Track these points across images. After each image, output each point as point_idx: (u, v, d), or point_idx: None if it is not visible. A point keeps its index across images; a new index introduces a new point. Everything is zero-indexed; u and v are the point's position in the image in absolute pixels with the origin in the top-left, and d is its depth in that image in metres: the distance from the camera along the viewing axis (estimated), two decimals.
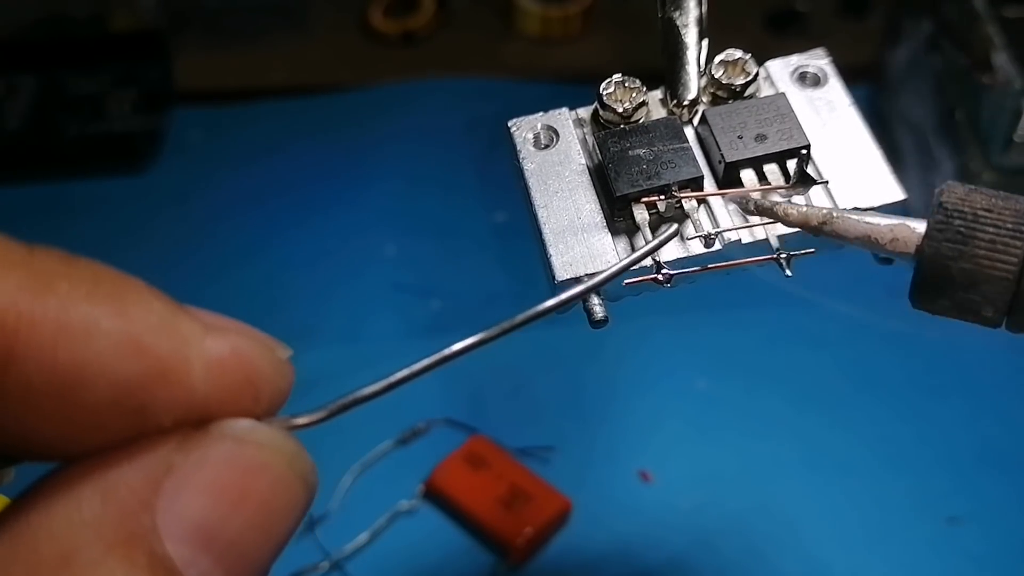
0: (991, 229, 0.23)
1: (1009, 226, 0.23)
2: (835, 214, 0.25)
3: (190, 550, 0.17)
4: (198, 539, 0.17)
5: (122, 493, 0.17)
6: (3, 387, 0.16)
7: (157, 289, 0.19)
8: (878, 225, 0.24)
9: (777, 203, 0.26)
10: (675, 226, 0.27)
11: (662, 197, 0.28)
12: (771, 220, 0.26)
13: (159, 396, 0.18)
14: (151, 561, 0.17)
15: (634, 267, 0.28)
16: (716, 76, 0.31)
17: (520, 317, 0.22)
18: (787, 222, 0.26)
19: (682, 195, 0.28)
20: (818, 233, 0.25)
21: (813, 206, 0.26)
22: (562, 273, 0.28)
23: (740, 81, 0.30)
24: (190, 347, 0.18)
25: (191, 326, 0.18)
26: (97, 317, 0.17)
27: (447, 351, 0.22)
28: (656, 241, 0.26)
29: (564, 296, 0.24)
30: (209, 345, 0.18)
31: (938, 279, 0.24)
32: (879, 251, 0.25)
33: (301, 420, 0.20)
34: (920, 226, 0.24)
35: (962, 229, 0.23)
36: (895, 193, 0.29)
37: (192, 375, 0.18)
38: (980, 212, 0.23)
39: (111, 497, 0.17)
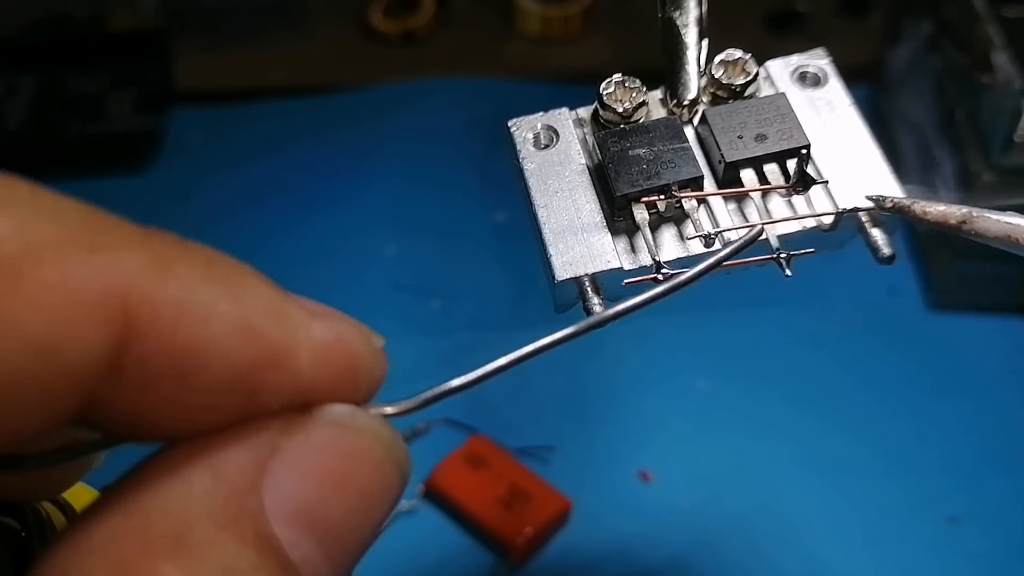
0: None
1: None
2: (975, 213, 0.25)
3: (294, 532, 0.18)
4: (301, 521, 0.18)
5: (231, 473, 0.18)
6: (122, 367, 0.17)
7: (264, 275, 0.19)
8: (1019, 225, 0.24)
9: (916, 201, 0.26)
10: (759, 227, 0.27)
11: (662, 197, 0.28)
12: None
13: (269, 380, 0.18)
14: (259, 541, 0.17)
15: (635, 267, 0.28)
16: (716, 76, 0.31)
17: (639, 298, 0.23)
18: (926, 221, 0.26)
19: (682, 195, 0.28)
20: (956, 233, 0.25)
21: (952, 205, 0.26)
22: (562, 273, 0.28)
23: (740, 81, 0.30)
24: (299, 332, 0.18)
25: (299, 312, 0.19)
26: (214, 300, 0.17)
27: (544, 341, 0.23)
28: (740, 242, 0.26)
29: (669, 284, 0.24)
30: (316, 331, 0.19)
31: None
32: (1019, 251, 0.25)
33: (393, 409, 0.21)
34: None
35: None
36: (895, 193, 0.29)
37: (300, 360, 0.18)
38: None
39: (221, 477, 0.17)
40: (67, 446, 0.19)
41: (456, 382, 0.22)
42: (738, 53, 0.31)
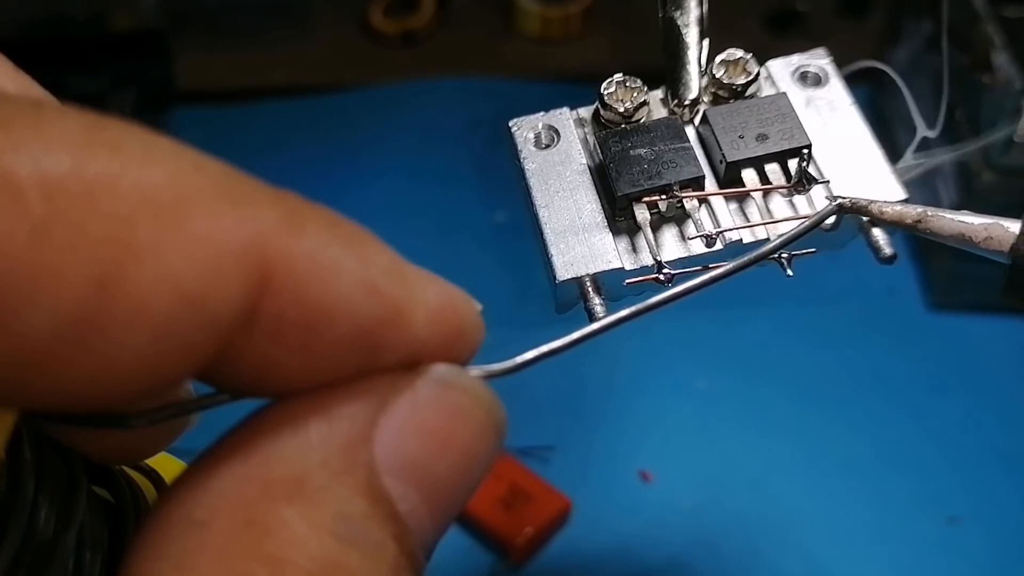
0: None
1: None
2: (929, 213, 0.26)
3: (402, 485, 0.18)
4: (409, 475, 0.18)
5: (345, 426, 0.18)
6: (257, 319, 0.17)
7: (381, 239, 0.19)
8: (972, 224, 0.25)
9: (873, 201, 0.27)
10: (838, 201, 0.27)
11: (663, 197, 0.28)
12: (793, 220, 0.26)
13: (388, 337, 0.18)
14: (371, 491, 0.18)
15: (636, 267, 0.28)
16: (717, 76, 0.31)
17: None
18: (881, 220, 0.26)
19: (683, 195, 0.28)
20: (913, 231, 0.26)
21: (908, 205, 0.27)
22: (563, 273, 0.28)
23: (741, 81, 0.30)
24: (416, 294, 0.19)
25: (416, 274, 0.19)
26: (341, 258, 0.18)
27: (641, 305, 0.23)
28: (816, 217, 0.27)
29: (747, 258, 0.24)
30: (430, 293, 0.19)
31: None
32: (973, 249, 0.25)
33: (496, 368, 0.21)
34: (1014, 226, 0.25)
35: None
36: (896, 193, 0.29)
37: (416, 319, 0.19)
38: None
39: (336, 428, 0.18)
40: (170, 404, 0.19)
41: (553, 344, 0.22)
42: (739, 53, 0.31)
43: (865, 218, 0.27)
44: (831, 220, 0.28)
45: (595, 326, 0.22)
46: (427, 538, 0.19)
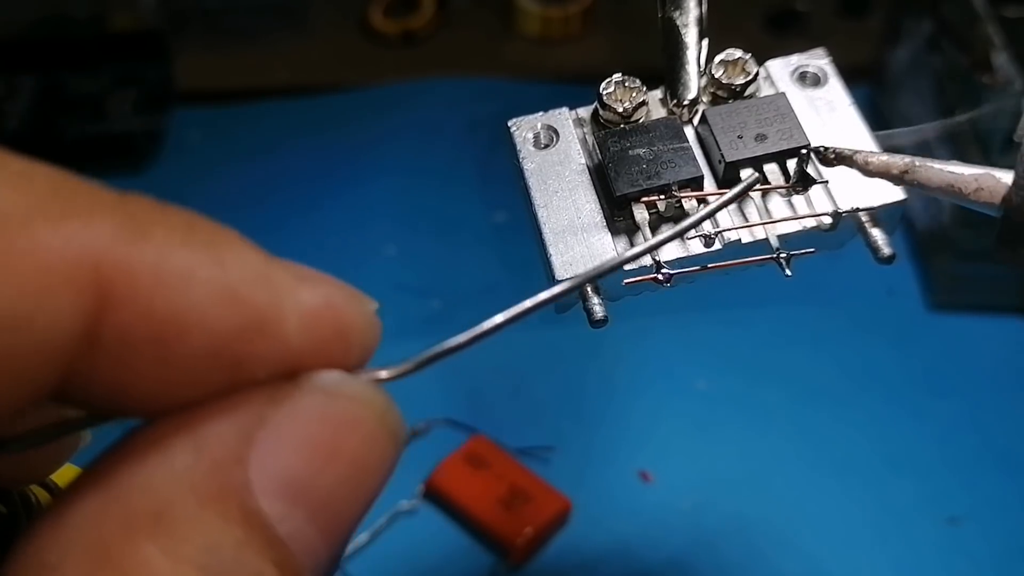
0: None
1: None
2: (917, 163, 0.25)
3: (283, 505, 0.17)
4: (290, 494, 0.17)
5: (215, 447, 0.17)
6: (100, 337, 0.16)
7: (249, 239, 0.18)
8: (962, 175, 0.24)
9: (858, 151, 0.25)
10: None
11: (662, 197, 0.28)
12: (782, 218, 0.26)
13: (255, 348, 0.17)
14: (244, 516, 0.17)
15: (634, 267, 0.28)
16: (716, 76, 0.31)
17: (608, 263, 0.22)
18: (867, 171, 0.25)
19: (682, 195, 0.28)
20: (899, 182, 0.25)
21: (895, 155, 0.25)
22: (562, 272, 0.28)
23: (740, 81, 0.30)
24: (285, 298, 0.18)
25: (285, 277, 0.18)
26: (194, 265, 0.17)
27: (530, 301, 0.21)
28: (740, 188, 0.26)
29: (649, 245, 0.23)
30: (303, 296, 0.18)
31: None
32: (962, 202, 0.24)
33: (387, 373, 0.20)
34: (1007, 176, 0.24)
35: None
36: (896, 193, 0.29)
37: (287, 326, 0.18)
38: None
39: (204, 451, 0.17)
40: (50, 426, 0.18)
41: (453, 341, 0.20)
42: (738, 53, 0.31)
43: (863, 216, 0.27)
44: (828, 220, 0.28)
45: (493, 322, 0.21)
46: (319, 558, 0.18)
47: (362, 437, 0.18)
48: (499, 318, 0.21)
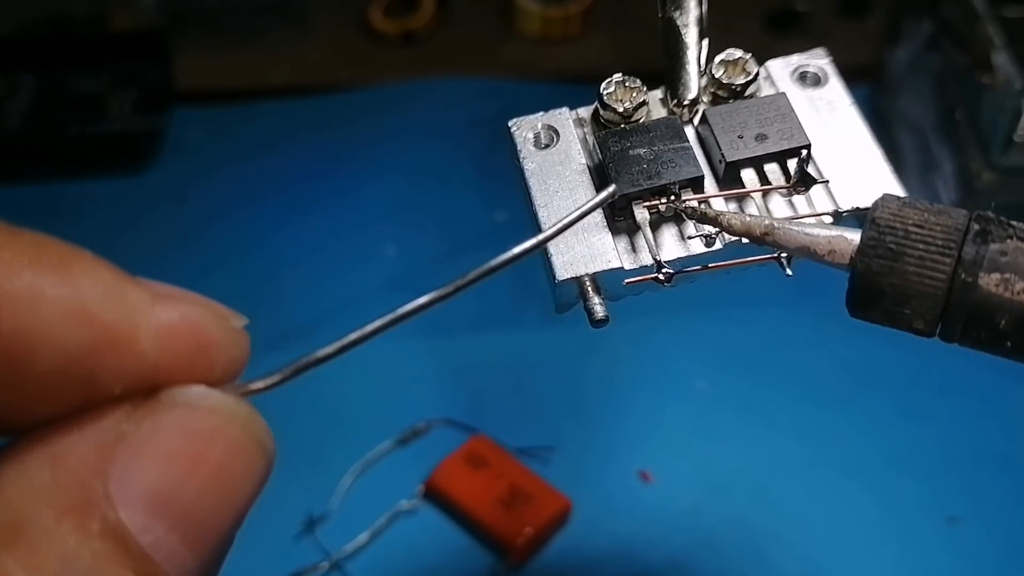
0: (921, 246, 0.23)
1: (939, 243, 0.23)
2: (776, 225, 0.25)
3: (144, 517, 0.17)
4: (152, 506, 0.17)
5: (72, 461, 0.17)
6: None
7: (104, 259, 0.18)
8: (817, 237, 0.25)
9: (721, 212, 0.26)
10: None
11: (663, 200, 0.28)
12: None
13: (108, 364, 0.18)
14: (104, 528, 0.17)
15: (635, 267, 0.28)
16: (716, 76, 0.31)
17: (475, 272, 0.22)
18: (730, 231, 0.26)
19: (684, 198, 0.28)
20: (761, 243, 0.25)
21: (755, 216, 0.26)
22: (562, 272, 0.28)
23: (740, 81, 0.30)
24: (138, 314, 0.18)
25: (139, 294, 0.18)
26: (42, 285, 0.17)
27: (401, 310, 0.22)
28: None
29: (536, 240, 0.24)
30: (158, 312, 0.18)
31: (870, 293, 0.24)
32: (818, 262, 0.25)
33: (258, 384, 0.20)
34: (856, 237, 0.24)
35: (892, 246, 0.24)
36: (896, 192, 0.29)
37: (141, 342, 0.18)
38: (911, 228, 0.24)
39: (61, 465, 0.17)
40: None
41: (323, 351, 0.21)
42: (738, 53, 0.31)
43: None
44: (829, 220, 0.28)
45: (359, 333, 0.21)
46: (186, 568, 0.18)
47: (225, 446, 0.19)
48: (371, 326, 0.22)
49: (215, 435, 0.19)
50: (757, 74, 0.31)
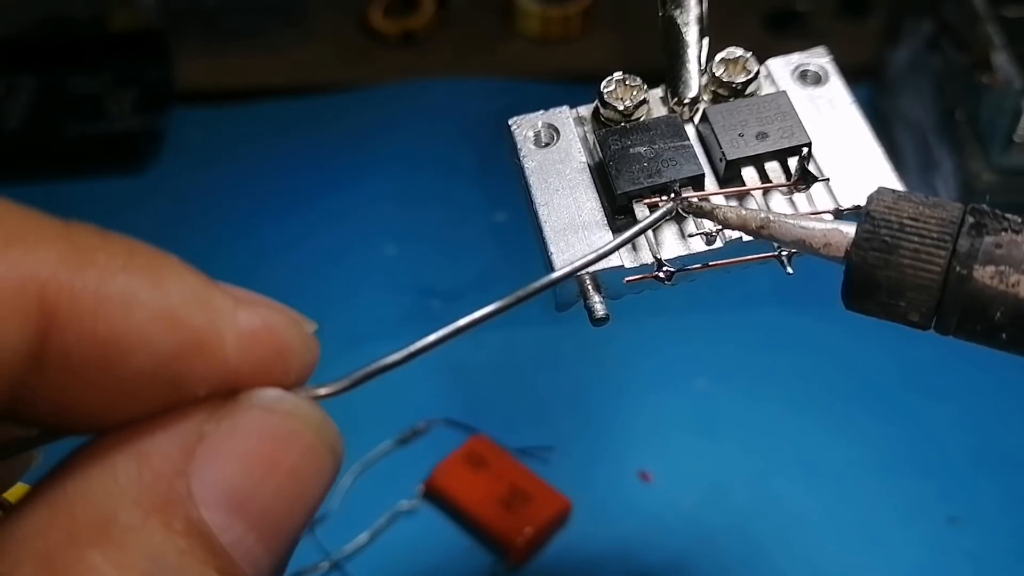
0: (916, 239, 0.23)
1: (934, 235, 0.23)
2: (772, 218, 0.25)
3: (224, 516, 0.18)
4: (231, 505, 0.18)
5: (157, 460, 0.18)
6: (44, 358, 0.17)
7: (189, 264, 0.19)
8: (813, 230, 0.25)
9: (718, 206, 0.26)
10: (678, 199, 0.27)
11: (664, 198, 0.28)
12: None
13: (194, 367, 0.18)
14: (187, 526, 0.17)
15: (636, 265, 0.28)
16: (717, 74, 0.31)
17: (537, 284, 0.23)
18: (727, 225, 0.26)
19: (685, 196, 0.28)
20: (757, 236, 0.25)
21: (751, 209, 0.26)
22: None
23: (741, 79, 0.30)
24: (223, 319, 0.19)
25: (224, 299, 0.19)
26: (134, 289, 0.18)
27: (466, 319, 0.22)
28: (653, 218, 0.27)
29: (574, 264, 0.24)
30: (241, 318, 0.19)
31: (865, 285, 0.24)
32: (813, 255, 0.25)
33: (326, 390, 0.21)
34: (851, 230, 0.24)
35: (887, 239, 0.24)
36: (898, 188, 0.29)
37: (225, 347, 0.18)
38: (906, 221, 0.24)
39: (146, 464, 0.18)
40: (1, 446, 0.19)
41: (391, 358, 0.21)
42: (739, 51, 0.31)
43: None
44: (829, 218, 0.28)
45: (424, 342, 0.22)
46: (260, 566, 0.18)
47: (300, 450, 0.19)
48: (434, 336, 0.22)
49: (292, 438, 0.19)
50: (758, 72, 0.31)
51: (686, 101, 0.30)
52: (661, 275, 0.28)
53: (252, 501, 0.18)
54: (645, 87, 0.30)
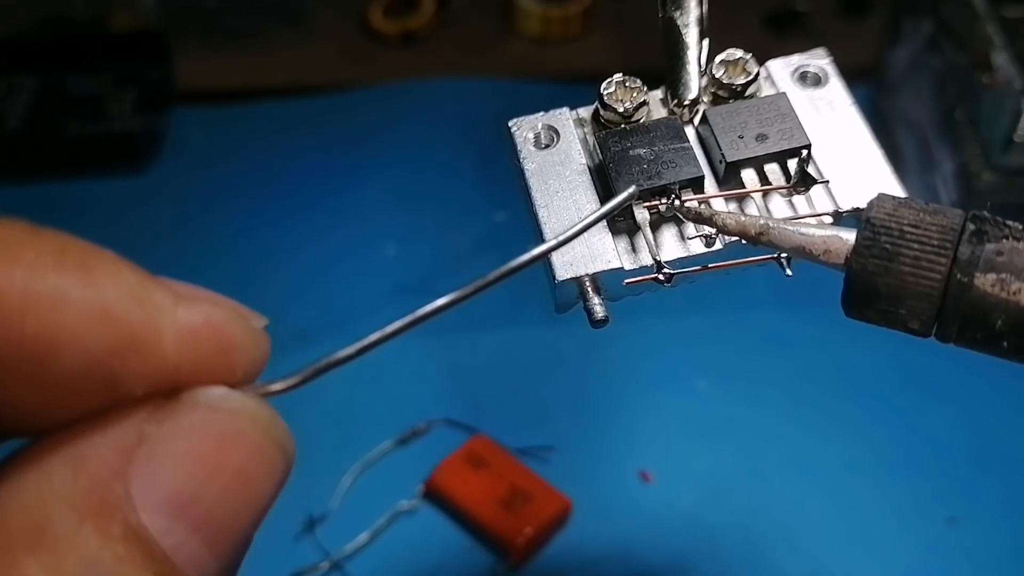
0: (916, 246, 0.23)
1: (934, 243, 0.23)
2: (771, 224, 0.25)
3: (165, 519, 0.17)
4: (173, 508, 0.17)
5: (93, 464, 0.17)
6: None
7: (127, 260, 0.18)
8: (812, 236, 0.24)
9: (717, 212, 0.26)
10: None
11: (664, 201, 0.28)
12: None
13: (130, 365, 0.18)
14: (125, 531, 0.17)
15: (635, 267, 0.28)
16: (717, 76, 0.31)
17: (494, 273, 0.22)
18: (725, 231, 0.26)
19: (684, 199, 0.28)
20: (756, 243, 0.25)
21: (751, 216, 0.26)
22: (562, 273, 0.28)
23: (741, 81, 0.30)
24: (161, 316, 0.18)
25: (162, 295, 0.18)
26: (65, 286, 0.17)
27: (421, 311, 0.22)
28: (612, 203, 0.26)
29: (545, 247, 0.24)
30: (181, 314, 0.18)
31: (865, 293, 0.24)
32: (813, 262, 0.25)
33: (276, 386, 0.20)
34: (851, 237, 0.24)
35: (888, 246, 0.23)
36: (896, 192, 0.29)
37: (163, 344, 0.18)
38: (907, 228, 0.23)
39: (82, 467, 0.17)
40: None
41: (341, 353, 0.21)
42: (739, 53, 0.31)
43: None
44: (829, 220, 0.28)
45: (379, 334, 0.21)
46: (206, 570, 0.18)
47: (247, 449, 0.18)
48: (390, 328, 0.21)
49: (237, 437, 0.18)
50: (757, 74, 0.31)
51: (686, 103, 0.30)
52: (661, 277, 0.28)
53: (195, 503, 0.18)
54: (645, 89, 0.30)
